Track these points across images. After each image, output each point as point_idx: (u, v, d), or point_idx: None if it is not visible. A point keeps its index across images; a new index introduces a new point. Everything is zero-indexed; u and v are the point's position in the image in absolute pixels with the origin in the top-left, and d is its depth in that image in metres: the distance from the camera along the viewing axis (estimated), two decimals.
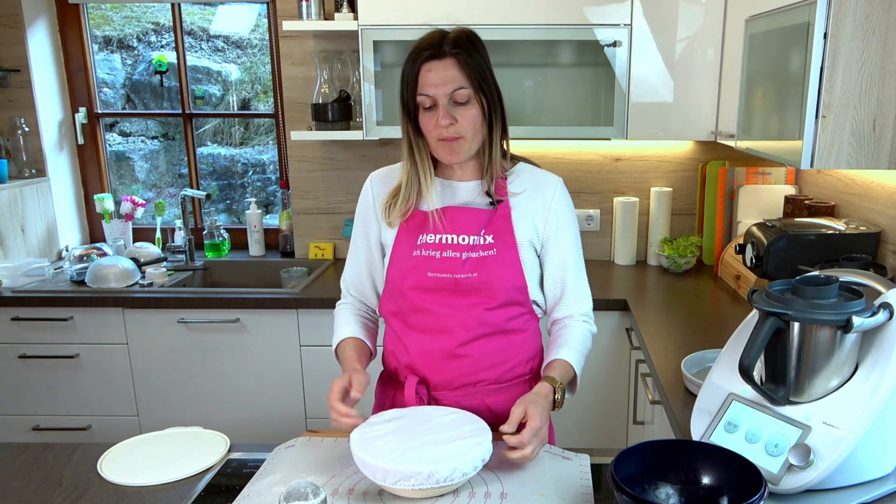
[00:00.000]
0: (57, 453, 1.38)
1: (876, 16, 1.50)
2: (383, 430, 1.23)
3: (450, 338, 1.41)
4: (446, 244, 1.40)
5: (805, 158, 1.59)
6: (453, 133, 1.36)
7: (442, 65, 1.35)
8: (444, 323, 1.41)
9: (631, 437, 2.47)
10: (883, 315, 1.11)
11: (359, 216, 1.54)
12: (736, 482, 1.05)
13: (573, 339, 1.44)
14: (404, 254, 1.43)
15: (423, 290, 1.41)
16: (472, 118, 1.36)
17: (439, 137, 1.37)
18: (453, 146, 1.37)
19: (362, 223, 1.53)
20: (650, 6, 2.41)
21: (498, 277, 1.39)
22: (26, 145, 2.93)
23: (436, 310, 1.41)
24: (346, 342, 1.48)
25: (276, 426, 2.60)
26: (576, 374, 1.41)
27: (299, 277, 2.85)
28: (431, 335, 1.42)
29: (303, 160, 2.96)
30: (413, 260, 1.41)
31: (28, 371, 2.61)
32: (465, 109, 1.36)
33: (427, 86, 1.35)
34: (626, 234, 2.86)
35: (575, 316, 1.47)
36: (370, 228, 1.51)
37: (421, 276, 1.40)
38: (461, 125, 1.36)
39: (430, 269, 1.40)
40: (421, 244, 1.41)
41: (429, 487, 1.12)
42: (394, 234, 1.45)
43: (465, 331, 1.40)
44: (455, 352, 1.41)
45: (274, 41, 2.99)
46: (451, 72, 1.35)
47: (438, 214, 1.41)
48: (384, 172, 1.53)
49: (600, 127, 2.53)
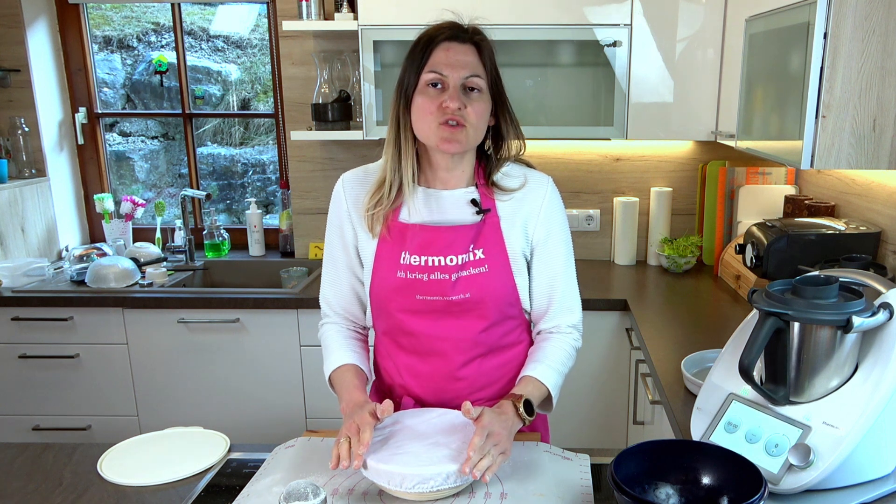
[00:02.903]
0: (57, 453, 1.38)
1: (876, 16, 1.50)
2: (383, 435, 1.22)
3: (444, 362, 1.35)
4: (433, 266, 1.30)
5: (805, 158, 1.59)
6: (459, 118, 1.25)
7: (462, 48, 1.27)
8: (437, 346, 1.34)
9: (631, 437, 2.47)
10: (883, 315, 1.11)
11: (332, 224, 1.40)
12: (736, 482, 1.04)
13: (552, 356, 1.35)
14: (388, 272, 1.33)
15: (412, 313, 1.33)
16: (480, 110, 1.28)
17: (441, 120, 1.25)
18: (455, 133, 1.26)
19: (338, 232, 1.40)
20: (650, 6, 2.41)
21: (492, 296, 1.32)
22: (26, 145, 2.93)
23: (428, 333, 1.33)
24: (341, 370, 1.37)
25: (276, 426, 2.60)
26: (550, 394, 1.33)
27: (299, 277, 2.85)
28: (424, 358, 1.36)
29: (303, 160, 2.96)
30: (398, 281, 1.32)
31: (28, 371, 2.61)
32: (475, 99, 1.27)
33: (441, 64, 1.25)
34: (626, 234, 2.86)
35: (562, 327, 1.40)
36: (347, 237, 1.39)
37: (409, 298, 1.32)
38: (468, 114, 1.26)
39: (418, 291, 1.31)
40: (405, 265, 1.31)
41: (446, 488, 1.12)
42: (374, 247, 1.35)
43: (460, 353, 1.34)
44: (450, 375, 1.36)
45: (274, 41, 2.99)
46: (469, 57, 1.27)
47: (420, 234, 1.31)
48: (357, 175, 1.40)
49: (600, 127, 2.53)
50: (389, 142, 1.33)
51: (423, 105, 1.27)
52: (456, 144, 1.27)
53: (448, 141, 1.27)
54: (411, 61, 1.29)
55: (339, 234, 1.40)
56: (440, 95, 1.26)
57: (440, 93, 1.26)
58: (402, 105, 1.30)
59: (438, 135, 1.27)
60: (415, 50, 1.29)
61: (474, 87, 1.28)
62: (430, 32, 1.29)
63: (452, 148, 1.28)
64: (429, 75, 1.26)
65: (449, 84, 1.26)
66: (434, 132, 1.27)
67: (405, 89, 1.29)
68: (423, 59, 1.27)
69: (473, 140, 1.31)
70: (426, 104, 1.27)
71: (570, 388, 2.45)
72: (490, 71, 1.30)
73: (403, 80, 1.30)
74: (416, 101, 1.28)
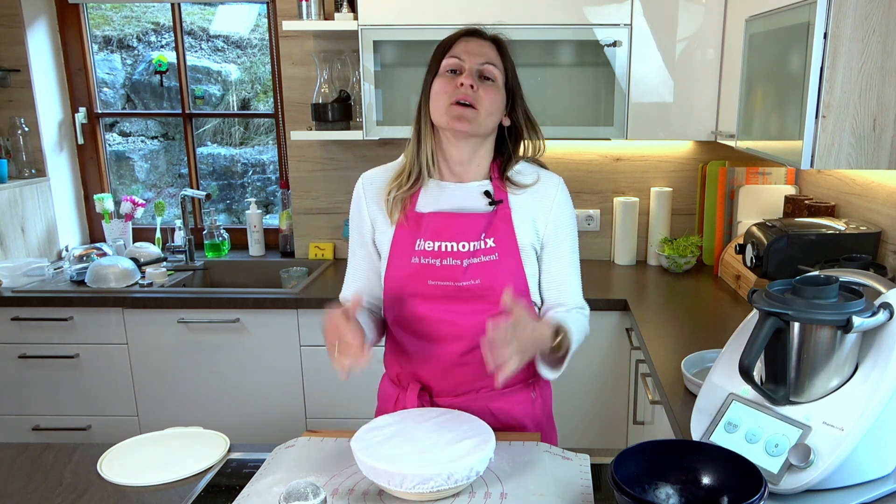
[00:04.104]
0: (57, 453, 1.37)
1: (876, 16, 1.50)
2: (384, 436, 1.22)
3: (453, 346, 1.38)
4: (446, 252, 1.35)
5: (805, 158, 1.59)
6: (470, 97, 1.30)
7: (481, 42, 1.36)
8: (446, 331, 1.38)
9: (631, 437, 2.47)
10: (883, 315, 1.11)
11: (353, 222, 1.48)
12: (736, 482, 1.04)
13: (572, 321, 1.38)
14: (403, 259, 1.38)
15: (424, 298, 1.37)
16: (493, 97, 1.33)
17: (452, 100, 1.30)
18: (465, 112, 1.30)
19: (358, 230, 1.47)
20: (650, 6, 2.41)
21: (501, 283, 1.35)
22: (26, 145, 2.93)
23: (438, 318, 1.37)
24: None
25: (276, 426, 2.60)
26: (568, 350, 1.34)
27: (299, 277, 2.85)
28: (434, 343, 1.39)
29: (303, 160, 2.96)
30: (412, 267, 1.37)
31: (28, 371, 2.61)
32: (489, 86, 1.33)
33: (460, 52, 1.33)
34: (626, 234, 2.86)
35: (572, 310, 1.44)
36: (365, 233, 1.45)
37: (421, 283, 1.36)
38: (481, 96, 1.31)
39: (430, 276, 1.36)
40: (419, 251, 1.36)
41: (447, 488, 1.12)
42: (391, 235, 1.40)
43: (469, 339, 1.37)
44: (459, 360, 1.39)
45: (274, 41, 2.99)
46: (487, 49, 1.35)
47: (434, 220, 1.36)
48: (376, 174, 1.47)
49: (600, 127, 2.53)
50: (413, 135, 1.40)
51: (439, 87, 1.33)
52: (465, 123, 1.31)
53: (458, 119, 1.31)
54: (434, 57, 1.36)
55: (359, 231, 1.47)
56: (456, 78, 1.32)
57: (456, 76, 1.33)
58: (424, 96, 1.37)
59: (449, 113, 1.32)
60: (438, 48, 1.37)
61: (489, 77, 1.34)
62: (454, 35, 1.38)
63: (461, 125, 1.31)
64: (448, 61, 1.34)
65: (465, 68, 1.33)
66: (445, 111, 1.32)
67: (426, 80, 1.37)
68: (445, 51, 1.35)
69: (483, 125, 1.34)
70: (442, 85, 1.33)
71: (570, 388, 2.46)
72: (507, 68, 1.37)
73: (427, 75, 1.37)
74: (434, 86, 1.35)
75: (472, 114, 1.31)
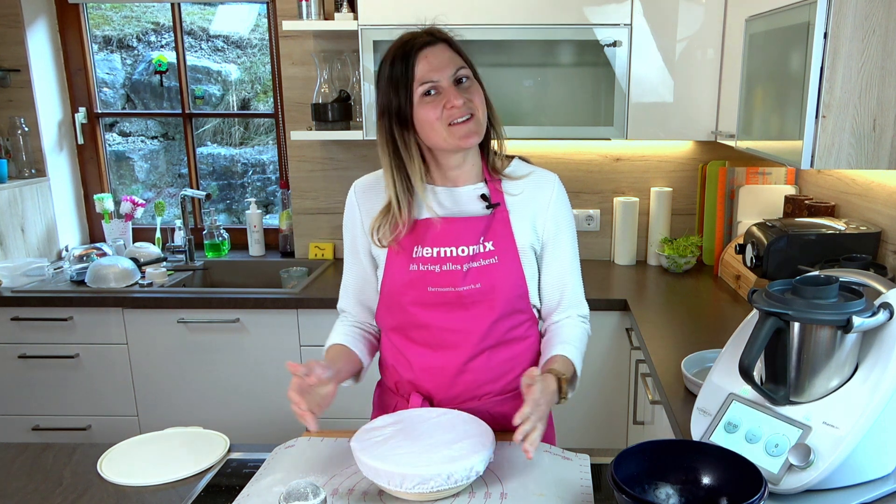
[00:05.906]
0: (57, 453, 1.38)
1: (876, 16, 1.50)
2: (384, 435, 1.22)
3: (455, 354, 1.37)
4: (445, 257, 1.34)
5: (805, 158, 1.59)
6: (466, 111, 1.28)
7: (437, 49, 1.29)
8: (447, 339, 1.37)
9: (631, 437, 2.47)
10: (883, 315, 1.11)
11: (347, 230, 1.46)
12: (736, 482, 1.04)
13: (573, 337, 1.40)
14: (401, 267, 1.36)
15: (424, 306, 1.36)
16: (479, 94, 1.32)
17: (451, 121, 1.28)
18: (469, 126, 1.29)
19: (351, 240, 1.45)
20: (650, 6, 2.41)
21: (501, 287, 1.35)
22: (26, 145, 2.93)
23: (439, 325, 1.36)
24: (330, 349, 1.43)
25: (276, 426, 2.59)
26: (576, 372, 1.37)
27: (299, 277, 2.85)
28: (435, 351, 1.38)
29: (303, 160, 2.96)
30: (411, 274, 1.35)
31: (28, 371, 2.61)
32: (469, 86, 1.31)
33: (429, 72, 1.28)
34: (626, 234, 2.86)
35: (573, 318, 1.44)
36: (359, 243, 1.44)
37: (421, 291, 1.35)
38: (472, 102, 1.30)
39: (430, 283, 1.34)
40: (418, 258, 1.35)
41: (447, 488, 1.12)
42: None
43: (469, 346, 1.36)
44: (460, 368, 1.38)
45: (274, 41, 2.99)
46: (447, 54, 1.30)
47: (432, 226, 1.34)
48: (369, 182, 1.44)
49: (600, 127, 2.53)
50: (387, 167, 1.34)
51: (428, 115, 1.29)
52: (474, 136, 1.31)
53: (466, 136, 1.30)
54: (394, 82, 1.29)
55: (353, 242, 1.45)
56: (439, 100, 1.28)
57: (438, 97, 1.29)
58: (397, 123, 1.31)
59: (454, 135, 1.29)
60: (393, 72, 1.30)
61: (464, 78, 1.31)
62: (399, 52, 1.30)
63: (472, 141, 1.31)
64: (422, 87, 1.28)
65: (443, 86, 1.29)
66: (448, 135, 1.29)
67: (398, 110, 1.30)
68: (409, 76, 1.28)
69: (484, 125, 1.34)
70: (430, 112, 1.28)
71: None
72: (467, 60, 1.34)
73: (391, 103, 1.31)
74: (417, 115, 1.30)
75: (475, 124, 1.30)
